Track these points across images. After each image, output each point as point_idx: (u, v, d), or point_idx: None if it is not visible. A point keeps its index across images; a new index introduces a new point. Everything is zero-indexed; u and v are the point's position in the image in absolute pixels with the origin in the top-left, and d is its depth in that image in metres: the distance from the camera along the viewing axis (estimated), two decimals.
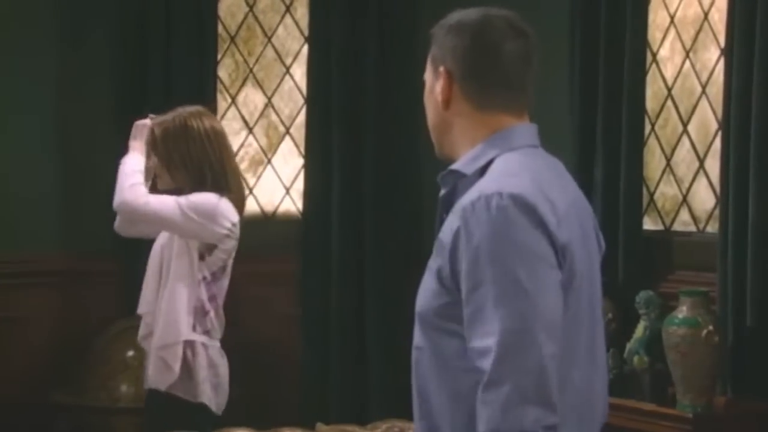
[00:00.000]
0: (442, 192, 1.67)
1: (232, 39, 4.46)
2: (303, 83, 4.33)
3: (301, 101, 4.40)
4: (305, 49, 4.32)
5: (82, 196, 3.83)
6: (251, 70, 4.47)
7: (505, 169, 1.60)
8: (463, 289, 1.53)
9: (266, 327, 4.20)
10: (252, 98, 4.48)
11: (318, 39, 4.23)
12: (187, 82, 4.15)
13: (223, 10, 4.38)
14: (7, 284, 3.96)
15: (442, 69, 1.66)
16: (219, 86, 4.36)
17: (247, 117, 4.50)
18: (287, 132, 4.50)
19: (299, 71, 4.41)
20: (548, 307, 1.51)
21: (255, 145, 4.50)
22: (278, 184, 4.50)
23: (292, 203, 4.48)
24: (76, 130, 4.14)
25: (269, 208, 4.48)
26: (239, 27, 4.46)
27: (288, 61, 4.47)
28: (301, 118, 4.37)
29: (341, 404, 4.14)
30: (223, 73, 4.42)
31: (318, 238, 4.22)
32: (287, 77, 4.47)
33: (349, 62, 4.18)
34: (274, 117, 4.50)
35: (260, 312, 4.14)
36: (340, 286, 4.19)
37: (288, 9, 4.47)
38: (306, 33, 4.33)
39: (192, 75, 4.18)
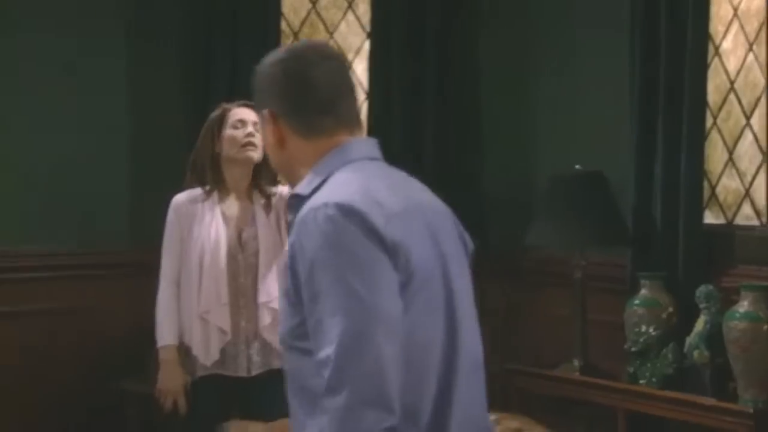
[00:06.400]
0: (290, 218, 1.68)
1: (295, 35, 4.53)
2: (364, 78, 4.38)
3: (363, 96, 4.45)
4: (367, 44, 4.36)
5: (152, 193, 3.90)
6: None
7: (337, 182, 1.63)
8: (304, 304, 1.56)
9: None
10: None
11: (379, 34, 4.27)
12: (250, 78, 4.22)
13: (286, 6, 4.43)
14: (83, 275, 4.10)
15: (266, 112, 1.70)
16: None
17: None
18: None
19: (360, 66, 4.46)
20: (385, 309, 1.53)
21: None
22: None
23: None
24: (145, 126, 4.25)
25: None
26: (302, 23, 4.52)
27: (350, 57, 4.53)
28: (363, 112, 4.43)
29: None
30: None
31: None
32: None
33: (410, 57, 4.21)
34: None
35: None
36: None
37: (350, 5, 4.51)
38: (368, 28, 4.38)
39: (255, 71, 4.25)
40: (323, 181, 1.66)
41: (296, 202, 1.67)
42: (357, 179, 1.63)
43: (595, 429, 3.81)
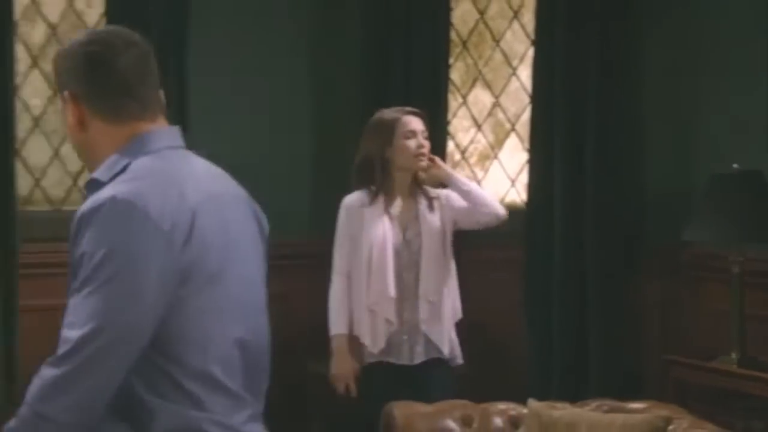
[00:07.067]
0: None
1: (464, 44, 4.78)
2: (528, 83, 4.59)
3: (527, 100, 4.66)
4: (531, 51, 4.57)
5: (332, 186, 4.08)
6: (480, 72, 4.78)
7: (131, 174, 1.65)
8: (71, 285, 1.62)
9: (493, 310, 4.46)
10: (481, 98, 4.77)
11: (543, 42, 4.46)
12: (422, 83, 4.50)
13: (456, 17, 4.68)
14: (270, 265, 4.45)
15: (66, 94, 1.72)
16: (451, 87, 4.67)
17: (476, 115, 4.80)
18: (513, 129, 4.77)
19: (525, 72, 4.67)
20: (136, 313, 1.57)
21: (483, 141, 4.80)
22: (504, 177, 4.79)
23: (517, 195, 4.75)
24: (328, 128, 4.60)
25: (496, 199, 4.75)
26: (470, 32, 4.77)
27: (514, 63, 4.74)
28: (526, 115, 4.63)
29: (562, 383, 4.33)
30: (455, 75, 4.72)
31: (541, 228, 4.44)
32: (514, 78, 4.74)
33: (572, 62, 4.38)
34: (501, 115, 4.78)
35: (488, 296, 4.41)
36: (561, 273, 4.39)
37: (515, 15, 4.74)
38: (532, 36, 4.58)
39: (427, 77, 4.50)
40: (122, 169, 1.67)
41: (94, 187, 1.67)
42: (152, 172, 1.65)
43: (752, 421, 3.89)
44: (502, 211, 3.48)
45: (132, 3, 4.18)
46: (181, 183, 1.66)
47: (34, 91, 4.24)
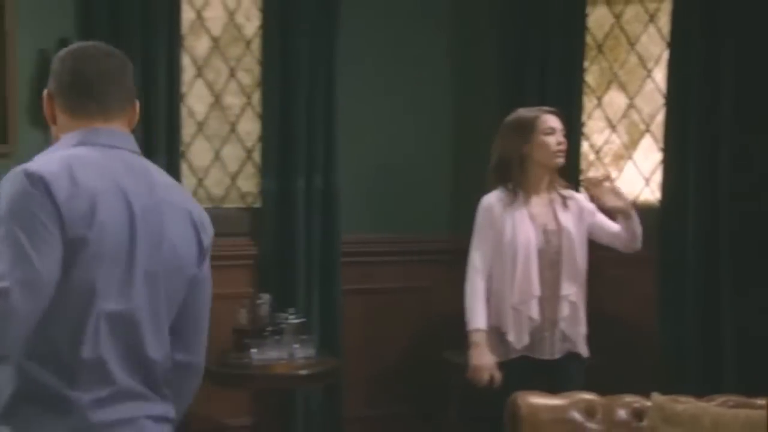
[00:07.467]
0: None
1: (599, 48, 4.89)
2: (663, 85, 4.64)
3: (661, 101, 4.71)
4: (666, 54, 4.62)
5: (471, 185, 4.11)
6: (615, 75, 4.85)
7: (51, 155, 1.87)
8: None
9: (625, 304, 4.55)
10: (616, 100, 4.85)
11: (679, 44, 4.50)
12: (557, 85, 4.64)
13: (591, 22, 4.79)
14: (413, 260, 4.71)
15: (45, 92, 1.96)
16: (585, 89, 4.78)
17: (611, 116, 4.89)
18: (647, 130, 4.84)
19: (659, 74, 4.73)
20: (32, 268, 1.73)
21: (617, 141, 4.88)
22: (638, 176, 4.85)
23: (651, 194, 4.80)
24: (467, 125, 4.80)
25: (630, 198, 4.80)
26: (605, 36, 4.86)
27: (649, 65, 4.80)
28: (661, 116, 4.68)
29: (695, 380, 4.37)
30: (589, 77, 4.82)
31: (675, 226, 4.48)
32: (648, 80, 4.80)
33: (708, 64, 4.40)
34: (635, 116, 4.86)
35: (620, 291, 4.51)
36: (695, 271, 4.43)
37: (652, 18, 4.80)
38: (668, 39, 4.62)
39: (562, 79, 4.64)
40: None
41: None
42: (74, 158, 1.84)
43: None
44: (640, 246, 3.59)
45: (286, 14, 4.52)
46: (92, 173, 1.83)
47: (198, 98, 4.62)
